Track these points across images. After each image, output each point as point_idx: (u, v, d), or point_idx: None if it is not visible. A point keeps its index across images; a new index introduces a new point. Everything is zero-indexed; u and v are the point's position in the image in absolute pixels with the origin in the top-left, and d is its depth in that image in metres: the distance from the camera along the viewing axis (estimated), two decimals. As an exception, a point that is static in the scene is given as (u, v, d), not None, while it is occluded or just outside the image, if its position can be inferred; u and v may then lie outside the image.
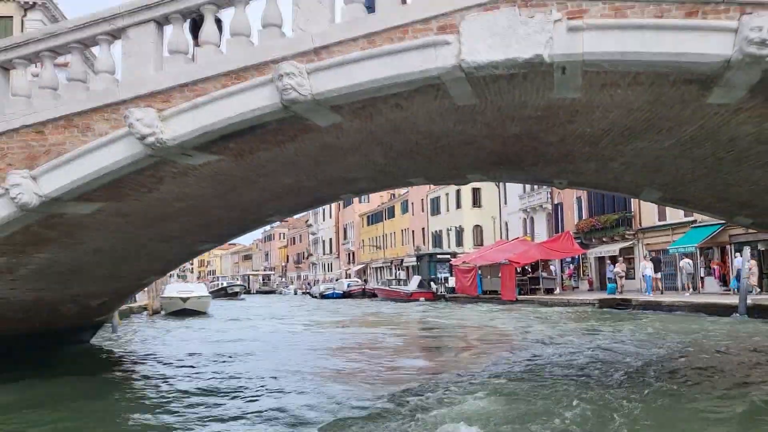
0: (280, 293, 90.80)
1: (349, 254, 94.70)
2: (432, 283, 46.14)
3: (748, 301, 19.98)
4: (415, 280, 47.09)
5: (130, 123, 7.48)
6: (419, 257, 52.99)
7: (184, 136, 7.64)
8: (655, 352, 13.48)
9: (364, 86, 7.24)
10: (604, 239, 37.25)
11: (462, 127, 9.04)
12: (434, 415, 7.78)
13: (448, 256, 48.58)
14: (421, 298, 42.67)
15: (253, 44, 7.74)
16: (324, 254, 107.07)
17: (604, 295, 29.84)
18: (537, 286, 36.41)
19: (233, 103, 7.48)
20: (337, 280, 74.19)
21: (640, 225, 34.54)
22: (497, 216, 51.89)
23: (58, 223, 8.93)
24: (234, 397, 9.58)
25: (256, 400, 9.30)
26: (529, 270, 37.87)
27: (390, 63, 7.10)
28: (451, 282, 44.46)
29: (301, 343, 17.57)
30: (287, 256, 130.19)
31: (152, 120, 7.48)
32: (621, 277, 30.80)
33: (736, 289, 22.81)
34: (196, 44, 8.02)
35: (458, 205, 55.56)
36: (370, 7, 7.45)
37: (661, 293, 28.98)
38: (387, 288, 50.39)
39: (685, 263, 28.93)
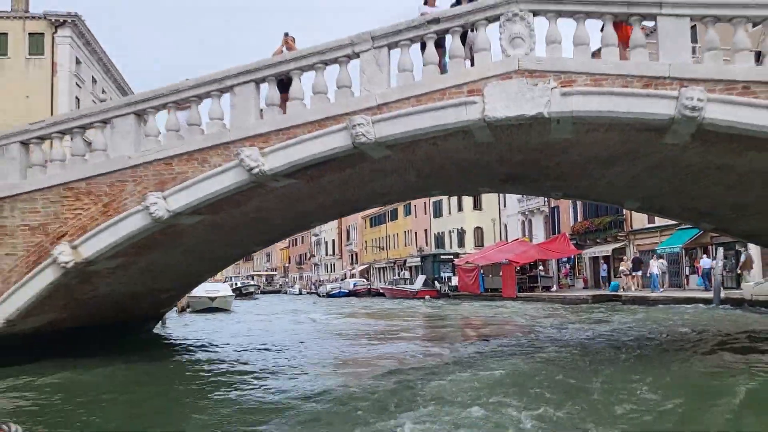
0: (286, 293, 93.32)
1: (352, 255, 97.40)
2: (436, 282, 48.84)
3: (722, 295, 22.76)
4: (420, 279, 49.77)
5: (241, 158, 10.20)
6: (423, 258, 55.70)
7: (279, 168, 10.36)
8: (636, 332, 16.22)
9: (413, 132, 9.99)
10: (597, 240, 40.00)
11: (479, 156, 11.80)
12: (464, 375, 10.43)
13: (451, 257, 51.35)
14: (426, 296, 45.32)
15: (330, 100, 10.46)
16: (327, 255, 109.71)
17: (599, 292, 32.60)
18: (535, 284, 39.17)
19: (316, 144, 10.21)
20: (343, 279, 76.71)
21: (631, 227, 37.25)
22: (497, 218, 54.57)
23: (169, 231, 11.63)
24: (290, 377, 11.91)
25: (302, 377, 11.77)
26: (528, 269, 40.59)
27: (433, 116, 9.85)
28: (454, 281, 47.19)
29: (337, 331, 20.24)
30: (289, 257, 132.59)
31: (257, 156, 10.20)
32: (627, 275, 33.16)
33: (704, 287, 25.59)
34: (284, 98, 10.72)
35: (460, 208, 58.22)
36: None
37: (640, 289, 31.71)
38: (394, 287, 53.07)
39: (660, 263, 31.67)
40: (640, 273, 32.88)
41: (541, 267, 41.23)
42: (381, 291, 56.98)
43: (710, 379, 9.60)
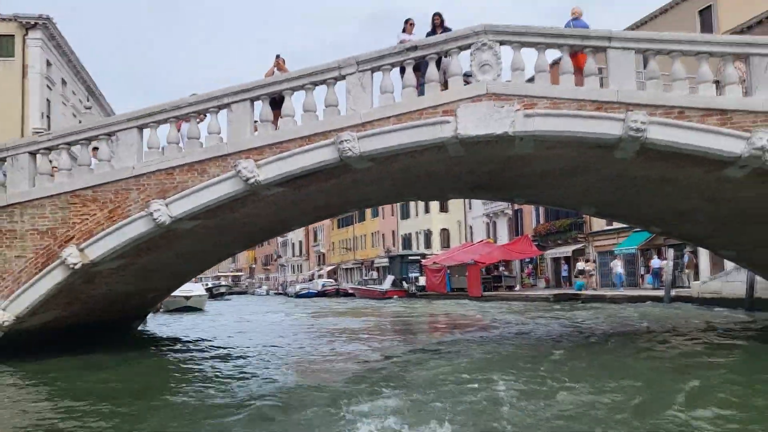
0: (253, 293, 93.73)
1: (319, 256, 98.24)
2: (404, 282, 50.15)
3: (672, 293, 24.49)
4: (389, 279, 51.02)
5: (238, 170, 11.30)
6: (391, 258, 56.98)
7: (272, 178, 11.49)
8: (593, 326, 17.71)
9: (394, 148, 11.22)
10: (558, 242, 41.79)
11: (451, 167, 13.09)
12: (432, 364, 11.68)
13: (419, 257, 52.73)
14: (395, 296, 46.59)
15: (318, 118, 11.63)
16: (294, 256, 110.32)
17: (559, 291, 34.29)
18: (500, 284, 40.77)
19: (306, 157, 11.37)
20: (311, 280, 77.59)
21: (591, 229, 39.09)
22: (462, 220, 56.16)
23: (168, 235, 12.65)
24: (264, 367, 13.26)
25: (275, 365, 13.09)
26: (493, 269, 42.17)
27: (411, 133, 11.09)
28: (422, 281, 48.57)
29: (315, 328, 21.33)
30: (255, 258, 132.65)
31: (253, 168, 11.32)
32: (592, 276, 34.92)
33: (653, 286, 27.41)
34: (276, 114, 11.84)
35: (426, 210, 59.65)
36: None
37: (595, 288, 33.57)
38: (363, 287, 54.23)
39: (614, 263, 33.57)
40: (593, 273, 34.85)
41: (502, 267, 42.86)
42: (350, 291, 58.09)
43: (652, 361, 11.04)
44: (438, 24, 11.90)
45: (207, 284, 58.96)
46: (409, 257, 53.27)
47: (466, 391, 8.50)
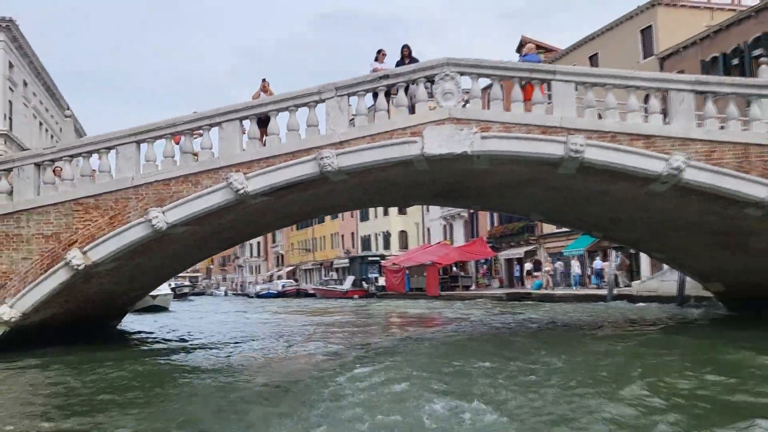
0: (211, 294, 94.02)
1: (278, 257, 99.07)
2: (364, 282, 51.78)
3: (614, 292, 26.69)
4: (349, 279, 52.58)
5: (230, 181, 12.74)
6: (351, 259, 58.53)
7: (259, 189, 12.97)
8: (544, 320, 19.60)
9: (368, 163, 12.83)
10: (512, 244, 43.98)
11: (416, 179, 14.76)
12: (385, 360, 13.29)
13: (378, 258, 54.46)
14: (355, 296, 48.18)
15: (301, 136, 13.14)
16: (252, 257, 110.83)
17: (512, 290, 36.38)
18: (456, 284, 42.73)
19: (290, 171, 12.88)
20: (270, 281, 78.48)
21: (542, 232, 41.34)
22: (420, 222, 58.03)
23: (162, 239, 13.99)
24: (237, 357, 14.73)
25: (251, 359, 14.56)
26: (450, 270, 44.11)
27: (383, 151, 12.71)
28: (381, 281, 50.27)
29: (281, 326, 22.74)
30: (212, 258, 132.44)
31: (242, 180, 12.77)
32: (551, 276, 37.00)
33: (597, 285, 29.69)
34: (263, 132, 13.31)
35: (386, 213, 61.35)
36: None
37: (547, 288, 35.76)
38: (324, 287, 55.68)
39: (558, 264, 35.92)
40: (539, 273, 37.17)
41: (455, 268, 44.86)
42: (311, 291, 59.40)
43: (594, 346, 12.90)
44: (406, 55, 13.56)
45: (171, 284, 59.48)
46: (369, 258, 54.94)
47: (442, 365, 10.13)
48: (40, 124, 49.74)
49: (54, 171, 13.80)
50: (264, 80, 14.25)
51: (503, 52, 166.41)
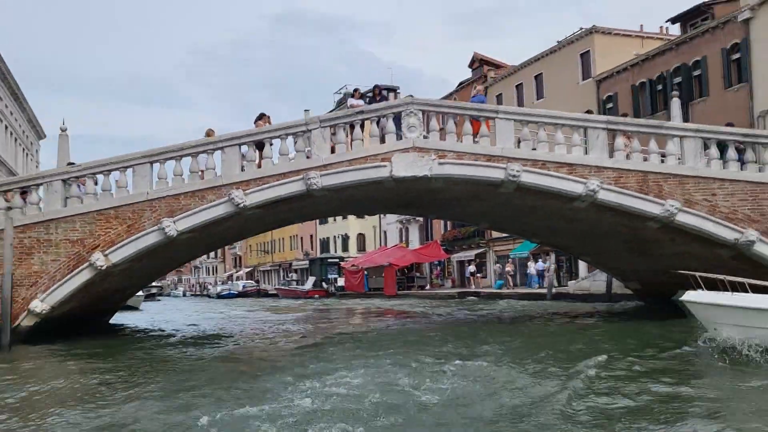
0: (169, 294, 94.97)
1: (235, 258, 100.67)
2: (324, 283, 54.42)
3: (553, 291, 30.07)
4: (311, 280, 55.17)
5: (232, 197, 15.37)
6: (311, 261, 61.09)
7: (255, 203, 15.65)
8: (490, 314, 22.69)
9: (346, 183, 15.65)
10: (463, 247, 47.27)
11: (385, 194, 17.65)
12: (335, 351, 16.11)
13: (337, 260, 57.21)
14: (316, 296, 50.77)
15: (290, 160, 15.86)
16: (209, 258, 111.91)
17: (463, 290, 39.63)
18: (412, 284, 45.86)
19: (281, 188, 15.60)
20: (231, 281, 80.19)
21: (491, 236, 44.69)
22: (378, 226, 60.95)
23: (168, 244, 16.50)
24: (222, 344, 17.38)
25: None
26: (406, 271, 47.17)
27: (358, 173, 15.56)
28: (341, 282, 53.02)
29: (249, 320, 25.29)
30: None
31: (242, 195, 15.43)
32: (512, 276, 40.30)
33: (536, 286, 33.19)
34: (260, 155, 15.98)
35: (344, 216, 64.09)
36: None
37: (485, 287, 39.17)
38: (286, 288, 58.12)
39: (497, 267, 39.39)
40: (480, 274, 40.81)
41: (411, 269, 48.01)
42: (273, 291, 61.73)
43: (534, 334, 15.99)
44: (377, 93, 16.48)
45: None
46: (329, 260, 57.64)
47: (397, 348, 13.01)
48: (6, 127, 50.97)
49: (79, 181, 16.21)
50: (264, 114, 16.92)
51: (451, 52, 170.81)
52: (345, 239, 64.62)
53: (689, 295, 11.44)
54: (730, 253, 15.59)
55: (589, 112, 36.26)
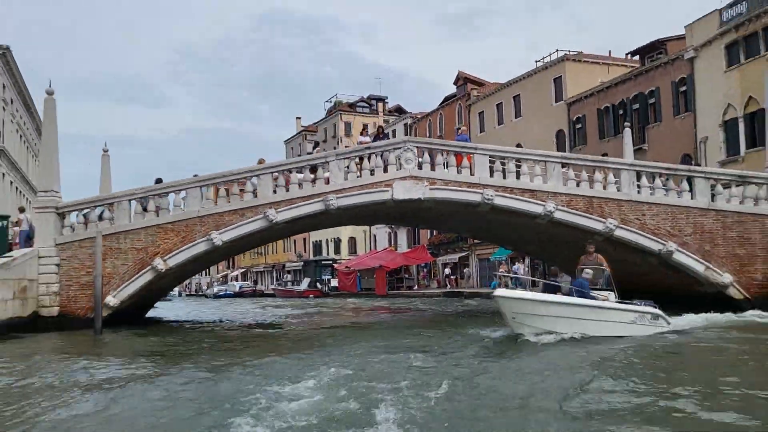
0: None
1: (228, 259, 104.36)
2: (318, 283, 58.45)
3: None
4: (306, 281, 59.14)
5: (267, 215, 19.46)
6: (306, 263, 65.12)
7: (284, 219, 19.76)
8: (469, 310, 26.88)
9: (356, 203, 19.83)
10: (448, 250, 51.54)
11: (386, 211, 21.85)
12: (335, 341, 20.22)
13: (330, 262, 61.30)
14: (311, 295, 54.72)
15: (313, 185, 19.97)
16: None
17: (448, 290, 43.96)
18: (401, 284, 50.06)
19: (305, 208, 19.73)
20: (227, 282, 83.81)
21: (473, 241, 48.96)
22: (368, 230, 65.09)
23: (213, 250, 20.53)
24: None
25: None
26: (396, 272, 51.38)
27: (366, 196, 19.73)
28: (334, 282, 57.11)
29: (258, 315, 29.32)
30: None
31: (275, 213, 19.53)
32: (505, 277, 44.53)
33: (515, 285, 37.53)
34: (287, 179, 20.07)
35: (336, 221, 68.14)
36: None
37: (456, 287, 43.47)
38: (283, 288, 62.06)
39: (516, 268, 43.63)
40: (454, 276, 45.41)
41: (396, 271, 52.21)
42: (269, 291, 65.60)
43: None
44: (380, 132, 20.66)
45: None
46: (322, 262, 61.72)
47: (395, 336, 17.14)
48: (21, 137, 54.67)
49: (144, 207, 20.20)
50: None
51: (435, 52, 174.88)
52: (337, 242, 68.65)
53: (497, 292, 14.01)
54: (657, 260, 19.93)
55: (560, 131, 40.90)
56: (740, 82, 28.41)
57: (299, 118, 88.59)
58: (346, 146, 73.49)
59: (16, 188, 51.07)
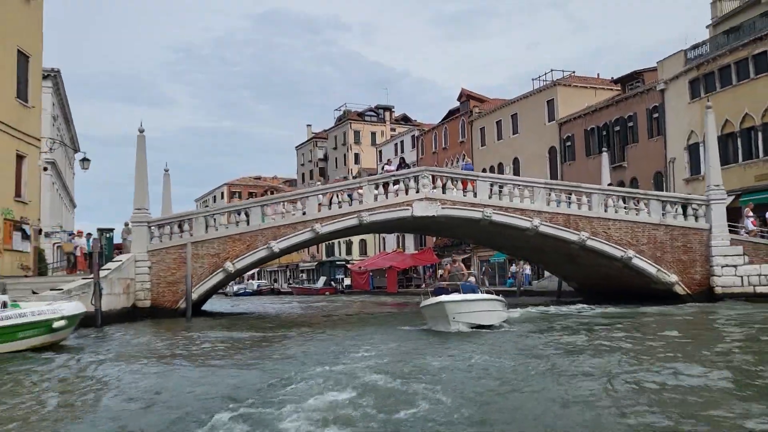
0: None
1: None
2: (332, 282, 63.85)
3: (522, 289, 39.79)
4: (322, 279, 64.61)
5: (314, 228, 24.82)
6: (321, 263, 70.53)
7: (327, 232, 25.20)
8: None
9: (383, 220, 25.24)
10: (452, 252, 56.79)
11: (405, 224, 27.26)
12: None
13: (343, 263, 66.69)
14: (327, 293, 60.14)
15: (350, 205, 25.33)
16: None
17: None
18: (410, 283, 55.39)
19: (344, 222, 25.13)
20: (244, 281, 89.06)
21: (475, 243, 54.32)
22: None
23: (270, 255, 25.88)
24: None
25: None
26: (405, 272, 56.74)
27: (391, 214, 25.15)
28: (347, 281, 62.47)
29: (292, 310, 34.64)
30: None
31: (320, 227, 24.90)
32: (518, 275, 49.68)
33: (512, 284, 42.95)
34: (330, 200, 25.45)
35: (348, 224, 73.45)
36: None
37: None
38: (300, 286, 67.54)
39: (524, 267, 48.85)
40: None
41: (405, 271, 57.52)
42: (287, 290, 70.98)
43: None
44: (402, 162, 26.01)
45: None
46: (336, 262, 67.14)
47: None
48: (63, 149, 60.04)
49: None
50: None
51: (436, 52, 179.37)
52: (349, 244, 73.97)
53: (423, 302, 17.80)
54: (621, 264, 25.27)
55: (552, 147, 46.28)
56: (700, 113, 33.61)
57: (309, 125, 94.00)
58: (356, 153, 79.44)
59: (60, 196, 56.50)
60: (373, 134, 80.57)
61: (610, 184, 29.78)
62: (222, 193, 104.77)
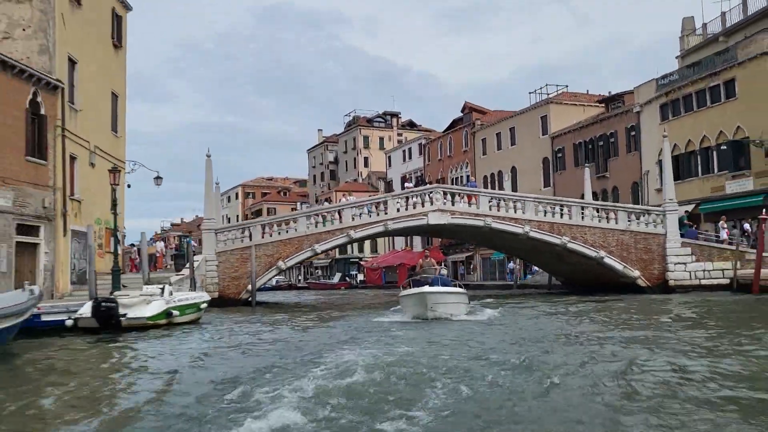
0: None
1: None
2: (347, 278, 70.03)
3: (518, 282, 45.96)
4: (337, 275, 70.84)
5: (348, 234, 31.00)
6: (335, 260, 76.70)
7: (359, 237, 31.42)
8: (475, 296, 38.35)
9: (405, 227, 31.46)
10: (457, 250, 62.93)
11: (422, 230, 33.45)
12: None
13: (357, 260, 72.87)
14: (342, 287, 66.28)
15: (378, 216, 31.50)
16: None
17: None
18: (419, 278, 61.52)
19: (373, 229, 31.36)
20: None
21: (477, 244, 60.40)
22: (387, 232, 76.50)
23: (310, 256, 32.04)
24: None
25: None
26: (414, 268, 62.81)
27: (410, 222, 31.37)
28: (360, 277, 68.64)
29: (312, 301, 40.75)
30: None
31: (353, 233, 31.08)
32: (519, 270, 55.82)
33: (510, 279, 49.14)
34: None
35: (360, 224, 79.65)
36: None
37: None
38: (317, 282, 73.73)
39: (510, 266, 55.08)
40: (461, 273, 56.58)
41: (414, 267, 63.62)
42: (304, 285, 77.17)
43: (504, 302, 31.74)
44: (419, 178, 32.17)
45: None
46: (350, 259, 73.32)
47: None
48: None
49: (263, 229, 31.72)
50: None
51: (438, 47, 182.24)
52: (361, 243, 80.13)
53: (402, 292, 20.36)
54: (595, 262, 31.40)
55: (546, 158, 52.38)
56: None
57: (320, 129, 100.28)
58: (365, 157, 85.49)
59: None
60: (381, 139, 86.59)
61: (594, 193, 35.84)
62: (236, 194, 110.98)
